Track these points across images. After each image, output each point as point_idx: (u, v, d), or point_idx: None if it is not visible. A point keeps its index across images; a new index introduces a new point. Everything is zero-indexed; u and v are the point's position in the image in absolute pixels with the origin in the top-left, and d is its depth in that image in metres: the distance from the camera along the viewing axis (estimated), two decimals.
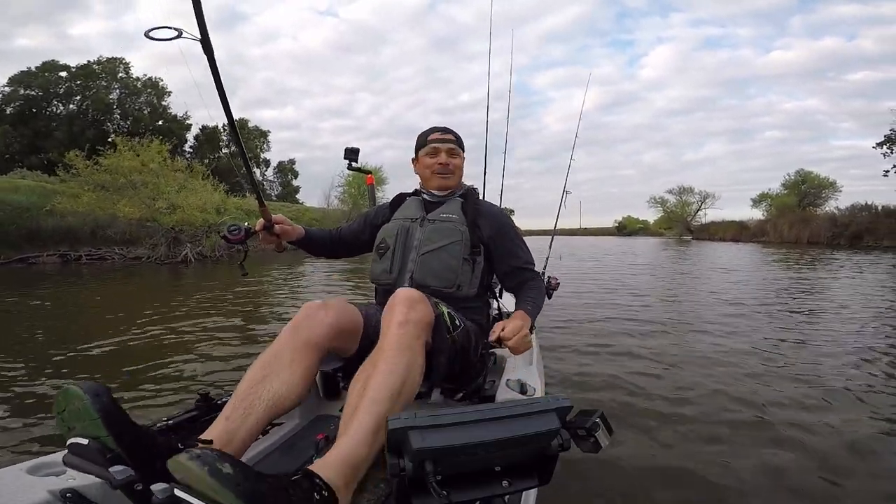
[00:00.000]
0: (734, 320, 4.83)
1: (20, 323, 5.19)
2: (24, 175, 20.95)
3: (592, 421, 0.89)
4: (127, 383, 2.90)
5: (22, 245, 13.93)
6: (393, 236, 1.51)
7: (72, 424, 0.85)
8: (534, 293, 1.48)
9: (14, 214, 14.03)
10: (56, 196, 14.43)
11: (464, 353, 1.30)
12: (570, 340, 3.94)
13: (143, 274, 11.42)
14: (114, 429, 0.81)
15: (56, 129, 31.43)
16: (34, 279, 10.05)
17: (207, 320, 4.92)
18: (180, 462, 0.71)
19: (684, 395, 2.68)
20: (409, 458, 0.73)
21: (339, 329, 1.20)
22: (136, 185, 13.91)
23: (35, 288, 8.48)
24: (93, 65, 33.59)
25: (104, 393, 0.84)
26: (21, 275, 11.15)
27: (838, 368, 3.17)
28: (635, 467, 1.88)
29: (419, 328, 1.09)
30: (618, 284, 8.16)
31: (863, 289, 7.23)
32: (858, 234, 21.23)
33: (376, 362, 1.02)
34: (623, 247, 24.31)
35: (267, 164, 46.52)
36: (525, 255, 1.53)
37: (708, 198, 43.49)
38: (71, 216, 14.46)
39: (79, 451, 0.84)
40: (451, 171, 1.55)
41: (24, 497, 0.81)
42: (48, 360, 3.45)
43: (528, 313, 1.37)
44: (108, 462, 0.80)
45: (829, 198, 32.30)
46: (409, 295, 1.13)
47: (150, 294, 7.92)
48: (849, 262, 12.27)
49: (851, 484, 1.76)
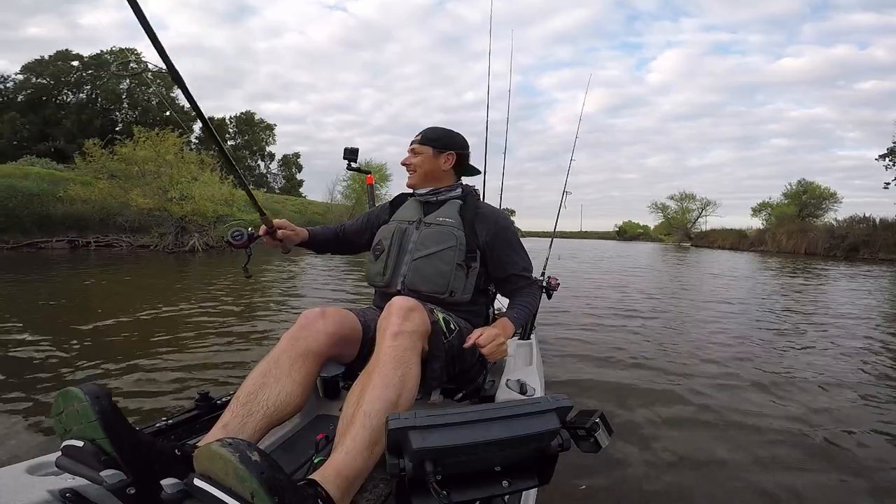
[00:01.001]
0: (734, 324, 4.89)
1: (24, 306, 5.29)
2: (33, 162, 21.28)
3: (592, 421, 0.90)
4: (129, 381, 2.90)
5: (32, 230, 14.31)
6: (389, 238, 1.51)
7: (69, 426, 0.85)
8: (526, 299, 1.49)
9: (25, 200, 14.39)
10: (68, 183, 14.82)
11: (460, 356, 1.31)
12: (570, 340, 3.98)
13: (150, 262, 11.71)
14: (112, 432, 0.81)
15: (65, 117, 31.76)
16: (44, 264, 10.36)
17: (208, 314, 4.93)
18: (212, 449, 0.72)
19: (685, 395, 2.70)
20: (409, 458, 0.73)
21: (337, 338, 1.21)
22: (147, 175, 14.31)
23: (44, 272, 8.80)
24: (105, 55, 33.89)
25: (104, 396, 0.84)
26: (30, 259, 11.49)
27: (841, 372, 3.20)
28: (635, 468, 1.89)
29: (414, 338, 1.09)
30: (619, 286, 8.29)
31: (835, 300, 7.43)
32: (855, 247, 21.36)
33: (371, 374, 1.02)
34: (621, 251, 24.45)
35: (272, 157, 46.75)
36: (522, 261, 1.52)
37: (709, 205, 43.79)
38: (80, 203, 14.82)
39: (73, 453, 0.84)
40: (412, 170, 1.56)
41: (24, 497, 0.82)
42: (45, 351, 3.44)
43: (512, 320, 1.39)
44: (102, 465, 0.80)
45: (829, 209, 32.47)
46: (404, 304, 1.13)
47: (154, 283, 8.08)
48: (836, 274, 12.45)
49: (855, 486, 1.78)
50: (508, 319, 1.40)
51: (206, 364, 3.23)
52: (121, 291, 6.90)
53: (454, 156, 1.57)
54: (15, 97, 31.79)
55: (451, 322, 1.28)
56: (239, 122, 43.98)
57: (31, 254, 13.02)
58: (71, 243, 14.82)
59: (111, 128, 32.94)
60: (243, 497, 0.69)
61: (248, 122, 44.26)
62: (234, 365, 3.22)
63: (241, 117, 44.14)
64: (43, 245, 14.26)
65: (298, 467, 1.22)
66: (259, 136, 44.75)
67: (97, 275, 8.78)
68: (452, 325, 1.28)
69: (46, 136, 31.35)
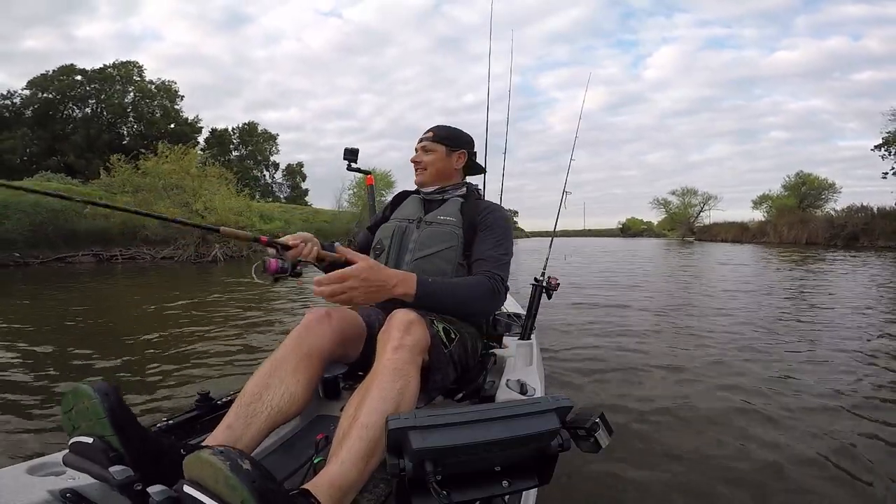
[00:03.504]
0: (736, 322, 4.81)
1: (51, 317, 5.57)
2: (49, 178, 21.77)
3: (592, 421, 0.90)
4: (134, 380, 2.96)
5: (59, 245, 14.80)
6: (389, 237, 1.50)
7: (78, 423, 0.86)
8: (460, 281, 1.33)
9: (51, 216, 14.89)
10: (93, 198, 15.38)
11: (462, 360, 1.30)
12: (570, 340, 3.97)
13: (175, 273, 12.21)
14: (120, 429, 0.82)
15: (73, 132, 32.15)
16: (71, 277, 10.82)
17: (224, 319, 5.08)
18: (202, 457, 0.72)
19: (687, 396, 2.68)
20: (409, 458, 0.73)
21: (342, 338, 1.22)
22: (171, 188, 14.94)
23: (75, 284, 9.27)
24: (108, 68, 34.32)
25: (113, 392, 0.85)
26: (61, 273, 12.00)
27: (845, 370, 3.15)
28: (636, 469, 1.88)
29: (415, 352, 1.08)
30: (620, 284, 8.33)
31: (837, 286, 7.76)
32: (854, 235, 21.76)
33: (370, 387, 1.02)
34: (625, 248, 24.66)
35: (276, 167, 47.23)
36: (494, 250, 1.40)
37: (710, 199, 44.28)
38: (103, 218, 15.33)
39: (81, 450, 0.85)
40: (422, 168, 1.55)
41: (24, 497, 0.82)
42: (59, 356, 3.67)
43: (418, 281, 1.21)
44: (110, 462, 0.81)
45: (829, 199, 32.93)
46: (404, 318, 1.11)
47: (175, 292, 8.34)
48: (837, 262, 12.69)
49: (861, 489, 1.74)
50: (409, 275, 1.22)
51: (212, 362, 3.35)
52: (143, 298, 7.29)
53: (465, 154, 1.59)
54: (22, 113, 32.15)
55: (451, 331, 1.26)
56: (242, 132, 44.53)
57: (60, 268, 13.54)
58: (96, 257, 15.31)
59: (118, 141, 33.42)
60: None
61: (251, 133, 44.80)
62: (240, 361, 3.35)
63: (245, 128, 44.69)
64: (70, 259, 14.75)
65: (298, 468, 1.25)
66: (262, 147, 45.28)
67: (136, 285, 9.24)
68: (453, 334, 1.26)
69: (55, 151, 31.73)
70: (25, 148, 31.11)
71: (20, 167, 28.50)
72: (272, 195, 43.56)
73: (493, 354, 1.71)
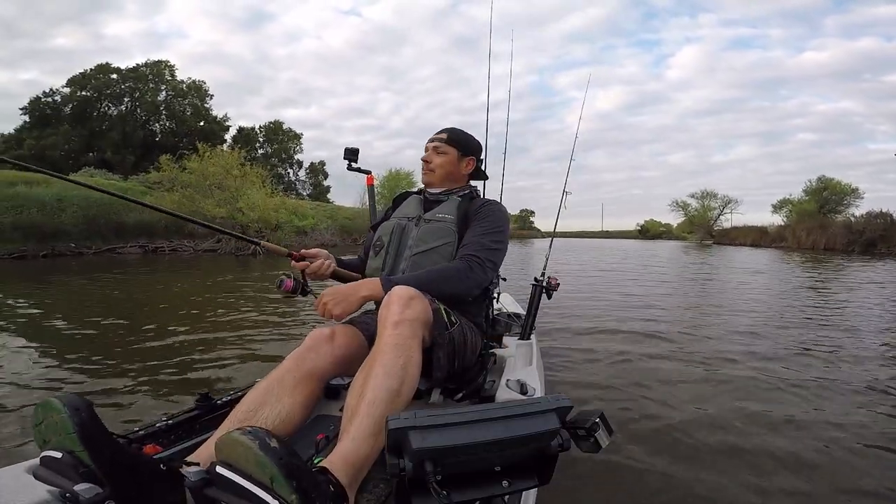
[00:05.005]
0: (741, 323, 4.75)
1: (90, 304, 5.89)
2: (92, 174, 23.05)
3: (592, 421, 0.90)
4: (140, 380, 2.92)
5: (109, 237, 16.10)
6: (388, 234, 1.52)
7: (48, 437, 0.84)
8: (442, 268, 1.36)
9: (102, 210, 16.09)
10: (145, 195, 16.70)
11: (462, 350, 1.30)
12: (571, 340, 3.96)
13: (218, 264, 13.03)
14: (90, 444, 0.80)
15: (109, 129, 33.49)
16: (132, 265, 11.82)
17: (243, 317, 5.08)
18: (233, 437, 0.75)
19: (688, 396, 2.66)
20: (409, 458, 0.74)
21: (344, 359, 1.22)
22: (215, 188, 16.17)
23: (136, 272, 10.18)
24: (141, 67, 35.60)
25: (84, 407, 0.82)
26: (114, 262, 13.06)
27: (849, 376, 3.06)
28: (636, 469, 1.87)
29: (415, 326, 1.08)
30: (624, 285, 8.20)
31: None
32: (872, 241, 21.56)
33: (373, 364, 1.02)
34: (644, 251, 24.55)
35: (300, 164, 48.28)
36: (481, 237, 1.42)
37: (730, 203, 44.06)
38: (149, 212, 16.44)
39: (50, 465, 0.83)
40: (431, 168, 1.56)
41: (24, 497, 0.83)
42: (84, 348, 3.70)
43: (384, 280, 1.27)
44: (81, 477, 0.80)
45: (851, 205, 32.61)
46: (404, 293, 1.11)
47: (227, 282, 8.81)
48: (848, 268, 12.64)
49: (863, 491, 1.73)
50: (378, 279, 1.30)
51: (218, 362, 3.37)
52: (178, 291, 7.73)
53: (475, 161, 1.62)
54: (62, 110, 33.64)
55: (452, 315, 1.28)
56: (268, 131, 45.72)
57: (111, 257, 14.67)
58: (142, 248, 16.49)
59: (152, 138, 34.77)
60: (263, 482, 0.72)
61: (276, 131, 45.94)
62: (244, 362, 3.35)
63: (270, 126, 45.88)
64: (119, 250, 15.96)
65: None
66: (287, 145, 46.41)
67: (192, 273, 10.06)
68: (454, 318, 1.28)
69: (92, 148, 33.14)
70: (65, 144, 32.52)
71: (61, 163, 29.89)
72: (296, 193, 44.62)
73: (493, 354, 1.73)
